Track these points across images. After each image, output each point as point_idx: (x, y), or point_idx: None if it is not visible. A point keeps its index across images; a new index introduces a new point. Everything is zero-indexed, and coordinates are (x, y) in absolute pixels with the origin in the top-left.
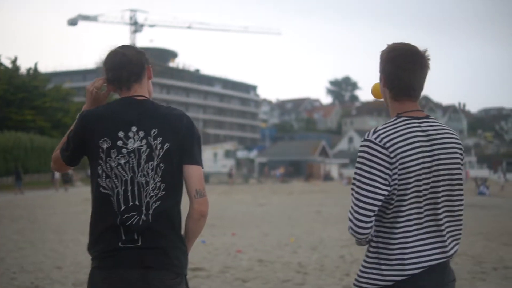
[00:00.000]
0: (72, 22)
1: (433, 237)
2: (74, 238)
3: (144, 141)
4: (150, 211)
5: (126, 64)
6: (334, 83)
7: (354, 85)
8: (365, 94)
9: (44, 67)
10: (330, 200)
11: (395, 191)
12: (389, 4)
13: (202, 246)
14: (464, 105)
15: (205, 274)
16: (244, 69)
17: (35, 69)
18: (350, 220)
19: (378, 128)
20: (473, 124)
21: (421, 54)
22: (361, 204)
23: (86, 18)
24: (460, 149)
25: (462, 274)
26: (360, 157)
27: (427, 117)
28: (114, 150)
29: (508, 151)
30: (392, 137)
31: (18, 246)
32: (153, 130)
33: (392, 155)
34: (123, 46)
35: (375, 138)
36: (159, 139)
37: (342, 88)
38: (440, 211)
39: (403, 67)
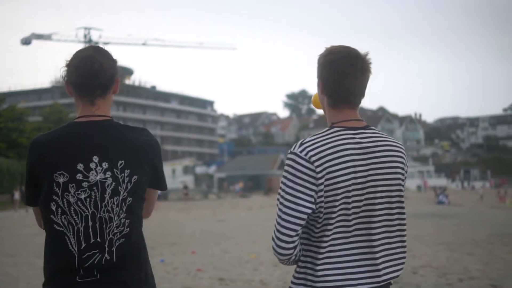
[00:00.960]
0: (26, 41)
1: (363, 259)
2: (29, 261)
3: (108, 173)
4: (114, 249)
5: (97, 76)
6: (291, 96)
7: (310, 98)
8: None
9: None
10: None
11: (322, 209)
12: (343, 16)
13: (161, 265)
14: (420, 115)
15: None
16: (200, 84)
17: None
18: (272, 239)
19: (305, 140)
20: (429, 133)
21: (362, 58)
22: (283, 223)
23: (40, 37)
24: (402, 162)
25: (428, 287)
26: (284, 171)
27: (365, 127)
28: (73, 184)
29: (465, 160)
30: (319, 150)
31: None
32: (120, 162)
33: (318, 169)
34: (99, 51)
35: (301, 151)
36: (127, 172)
37: (299, 101)
38: (375, 231)
39: (342, 71)
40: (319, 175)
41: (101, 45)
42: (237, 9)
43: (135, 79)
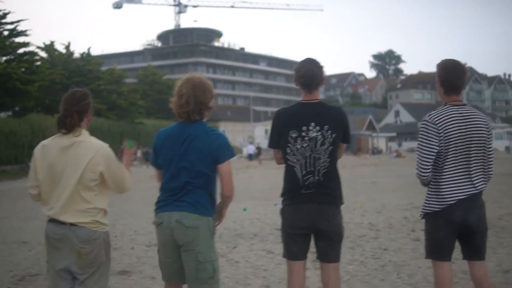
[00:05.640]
0: (117, 5)
1: (465, 178)
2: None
3: (319, 133)
4: (320, 174)
5: (313, 79)
6: (378, 57)
7: (398, 59)
8: (409, 67)
9: (93, 51)
10: (383, 173)
11: (442, 150)
12: None
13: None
14: (509, 76)
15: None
16: (288, 46)
17: (88, 53)
18: (416, 168)
19: (431, 113)
20: None
21: (463, 66)
22: (422, 158)
23: (130, 0)
24: (486, 125)
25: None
26: (420, 130)
27: (464, 105)
28: (300, 138)
29: None
30: (439, 117)
31: None
32: (326, 126)
33: (439, 128)
34: (313, 63)
35: (429, 119)
36: (330, 132)
37: (386, 62)
38: (472, 163)
39: (452, 73)
40: (440, 131)
41: (190, 8)
42: None
43: (224, 41)
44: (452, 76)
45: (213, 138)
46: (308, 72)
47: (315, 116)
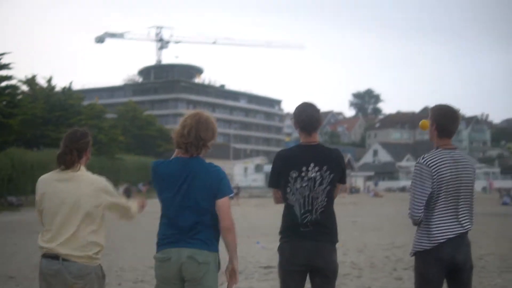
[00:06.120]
0: (100, 40)
1: (453, 218)
2: (122, 245)
3: (318, 173)
4: (318, 213)
5: (314, 122)
6: (357, 95)
7: (377, 98)
8: (388, 107)
9: (74, 85)
10: (362, 212)
11: (435, 191)
12: (412, 16)
13: (258, 247)
14: (487, 116)
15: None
16: (268, 83)
17: (70, 88)
18: (409, 209)
19: (425, 156)
20: (496, 134)
21: (458, 112)
22: (415, 199)
23: (113, 35)
24: (473, 168)
25: (491, 268)
26: (414, 172)
27: (455, 148)
28: (300, 178)
29: None
30: (433, 160)
31: None
32: (324, 167)
33: (433, 171)
34: (312, 108)
35: (424, 162)
36: (328, 172)
37: (365, 100)
38: (460, 204)
39: (448, 119)
40: (433, 173)
41: (172, 44)
42: (305, 8)
43: (204, 78)
44: (449, 123)
45: (215, 174)
46: (309, 117)
47: (314, 157)
